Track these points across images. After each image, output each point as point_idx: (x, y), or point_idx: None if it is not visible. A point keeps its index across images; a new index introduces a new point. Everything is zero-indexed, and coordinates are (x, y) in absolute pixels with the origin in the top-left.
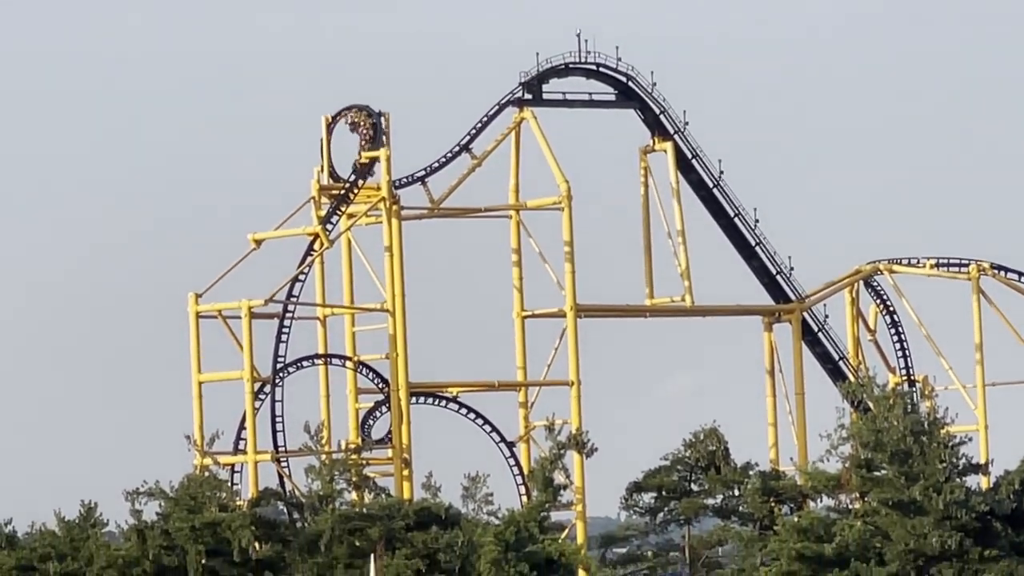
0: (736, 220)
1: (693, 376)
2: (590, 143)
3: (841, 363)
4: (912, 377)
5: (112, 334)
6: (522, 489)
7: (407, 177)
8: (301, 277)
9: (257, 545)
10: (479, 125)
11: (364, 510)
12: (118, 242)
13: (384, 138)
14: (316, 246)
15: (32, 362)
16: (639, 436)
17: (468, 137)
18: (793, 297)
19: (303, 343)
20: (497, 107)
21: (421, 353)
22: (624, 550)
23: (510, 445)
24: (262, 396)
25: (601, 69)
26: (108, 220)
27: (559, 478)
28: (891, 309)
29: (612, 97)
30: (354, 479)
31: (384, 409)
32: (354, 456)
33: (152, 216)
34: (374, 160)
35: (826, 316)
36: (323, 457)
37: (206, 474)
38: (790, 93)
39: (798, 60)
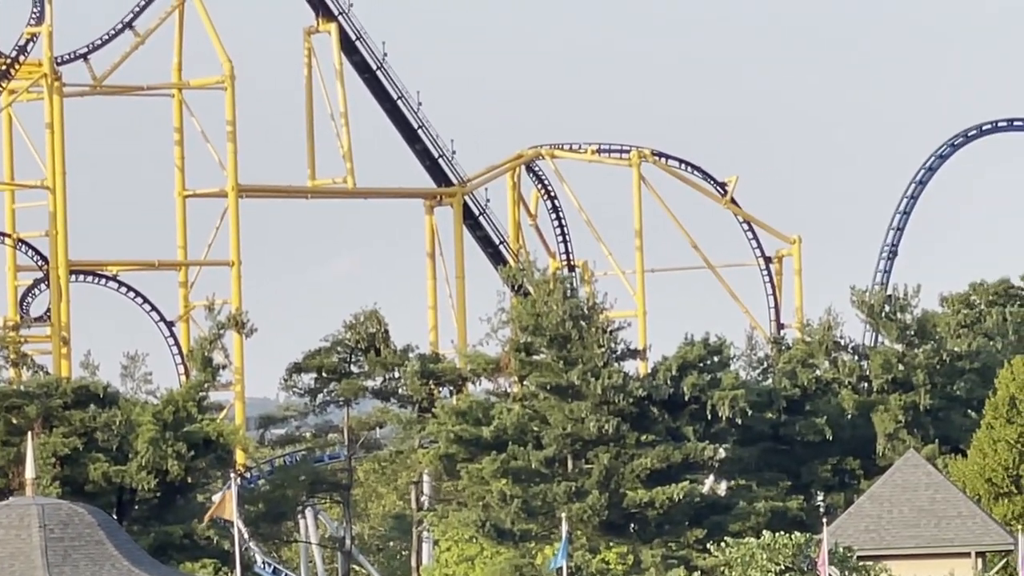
0: (399, 103)
1: (354, 258)
2: (255, 23)
3: (502, 247)
4: (572, 262)
5: None
6: (181, 369)
7: (69, 54)
8: None
9: None
10: (143, 3)
11: (22, 388)
12: None
13: (46, 14)
14: None
15: None
16: (300, 317)
17: (132, 15)
18: (455, 181)
19: None
20: None
21: (82, 231)
22: (283, 431)
23: (169, 324)
24: None
25: None
26: None
27: (218, 358)
28: (552, 194)
29: None
30: (12, 356)
31: (43, 287)
32: (12, 333)
33: None
34: (35, 36)
35: (487, 200)
36: None
37: None
38: None
39: None
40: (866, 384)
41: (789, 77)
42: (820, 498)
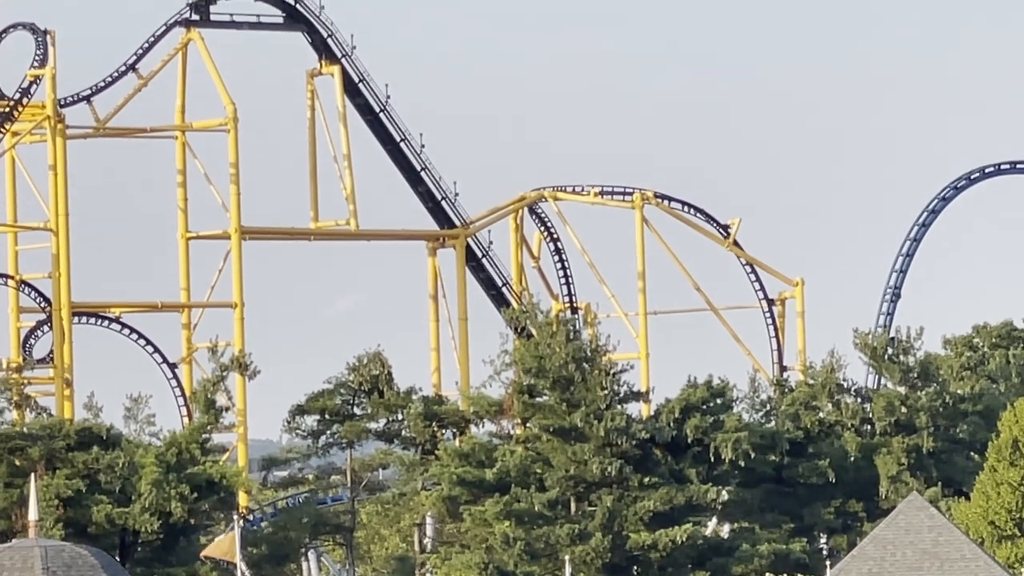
0: (402, 145)
1: (357, 300)
2: (258, 65)
3: (505, 289)
4: (575, 304)
5: None
6: (184, 411)
7: (72, 96)
8: None
9: None
10: (146, 45)
11: (25, 429)
12: None
13: (49, 56)
14: None
15: None
16: (302, 359)
17: (135, 57)
18: (458, 223)
19: None
20: (164, 27)
21: (85, 273)
22: (286, 473)
23: (172, 366)
24: None
25: None
26: None
27: (221, 400)
28: (555, 236)
29: (280, 19)
30: (15, 398)
31: (46, 328)
32: (15, 375)
33: None
34: (39, 78)
35: (490, 242)
36: None
37: None
38: (458, 19)
39: None
40: (869, 426)
41: (792, 119)
42: (823, 541)
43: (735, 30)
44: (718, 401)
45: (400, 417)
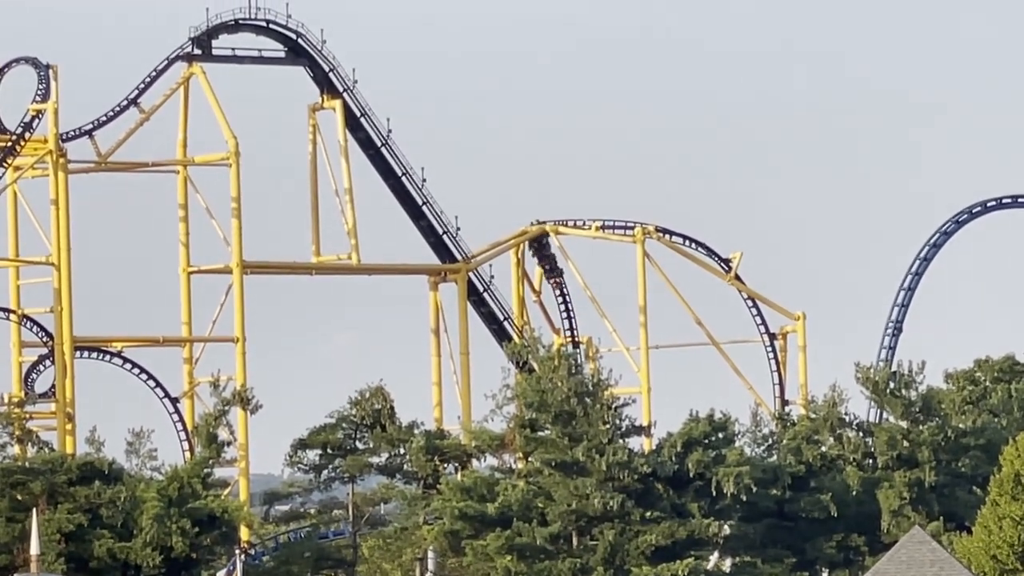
0: (403, 179)
1: (359, 334)
2: (260, 99)
3: (506, 323)
4: (576, 338)
5: None
6: (186, 445)
7: (75, 130)
8: None
9: None
10: (147, 80)
11: (27, 464)
12: None
13: (52, 91)
14: None
15: None
16: (304, 393)
17: (136, 91)
18: (459, 257)
19: None
20: (166, 62)
21: (86, 307)
22: (288, 507)
23: (174, 401)
24: None
25: (271, 25)
26: None
27: (223, 434)
28: (557, 270)
29: (282, 54)
30: (17, 433)
31: (48, 363)
32: (17, 410)
33: None
34: (41, 112)
35: (492, 276)
36: None
37: None
38: (458, 54)
39: (465, 22)
40: (871, 461)
41: (793, 153)
42: (825, 575)
43: (737, 65)
44: (720, 435)
45: (402, 451)
